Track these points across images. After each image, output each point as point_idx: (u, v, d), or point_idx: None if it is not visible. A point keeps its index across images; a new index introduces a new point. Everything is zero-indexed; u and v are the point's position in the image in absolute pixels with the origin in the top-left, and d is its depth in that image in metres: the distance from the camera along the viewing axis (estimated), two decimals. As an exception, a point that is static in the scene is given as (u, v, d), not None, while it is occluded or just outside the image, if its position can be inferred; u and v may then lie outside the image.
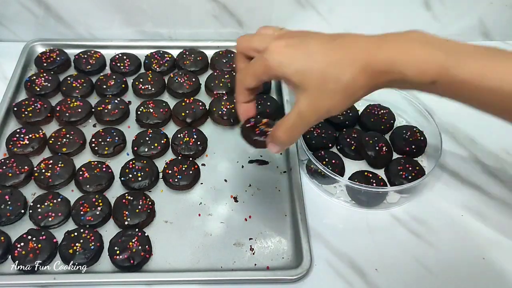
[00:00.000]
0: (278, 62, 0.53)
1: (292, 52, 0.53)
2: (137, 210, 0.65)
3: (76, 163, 0.71)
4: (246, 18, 0.89)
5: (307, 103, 0.53)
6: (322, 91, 0.52)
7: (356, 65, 0.50)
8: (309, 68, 0.52)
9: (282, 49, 0.54)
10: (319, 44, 0.53)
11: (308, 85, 0.52)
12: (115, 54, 0.88)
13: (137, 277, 0.61)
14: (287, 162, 0.73)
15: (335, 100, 0.52)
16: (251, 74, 0.57)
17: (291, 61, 0.53)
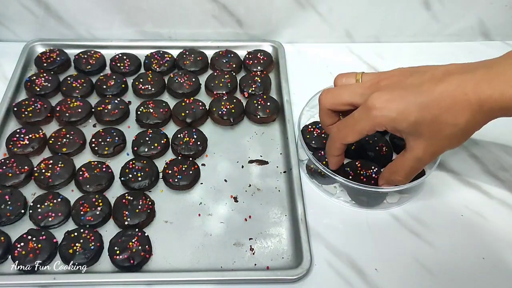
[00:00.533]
0: (390, 119, 0.54)
1: (401, 105, 0.54)
2: (137, 210, 0.65)
3: (76, 163, 0.71)
4: (246, 18, 0.89)
5: (424, 149, 0.56)
6: (439, 137, 0.54)
7: (471, 108, 0.52)
8: (423, 119, 0.53)
9: (389, 104, 0.54)
10: (426, 91, 0.53)
11: (422, 133, 0.55)
12: (115, 54, 0.87)
13: (137, 277, 0.61)
14: (287, 162, 0.73)
15: (453, 142, 0.56)
16: (356, 131, 0.58)
17: (403, 115, 0.54)
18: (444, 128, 0.53)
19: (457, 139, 0.55)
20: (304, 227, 0.65)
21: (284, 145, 0.76)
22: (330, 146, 0.64)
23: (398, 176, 0.62)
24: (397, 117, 0.54)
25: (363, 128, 0.57)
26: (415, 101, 0.53)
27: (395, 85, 0.56)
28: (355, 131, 0.58)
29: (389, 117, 0.54)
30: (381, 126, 0.56)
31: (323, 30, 0.92)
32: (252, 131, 0.78)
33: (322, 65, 0.89)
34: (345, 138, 0.60)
